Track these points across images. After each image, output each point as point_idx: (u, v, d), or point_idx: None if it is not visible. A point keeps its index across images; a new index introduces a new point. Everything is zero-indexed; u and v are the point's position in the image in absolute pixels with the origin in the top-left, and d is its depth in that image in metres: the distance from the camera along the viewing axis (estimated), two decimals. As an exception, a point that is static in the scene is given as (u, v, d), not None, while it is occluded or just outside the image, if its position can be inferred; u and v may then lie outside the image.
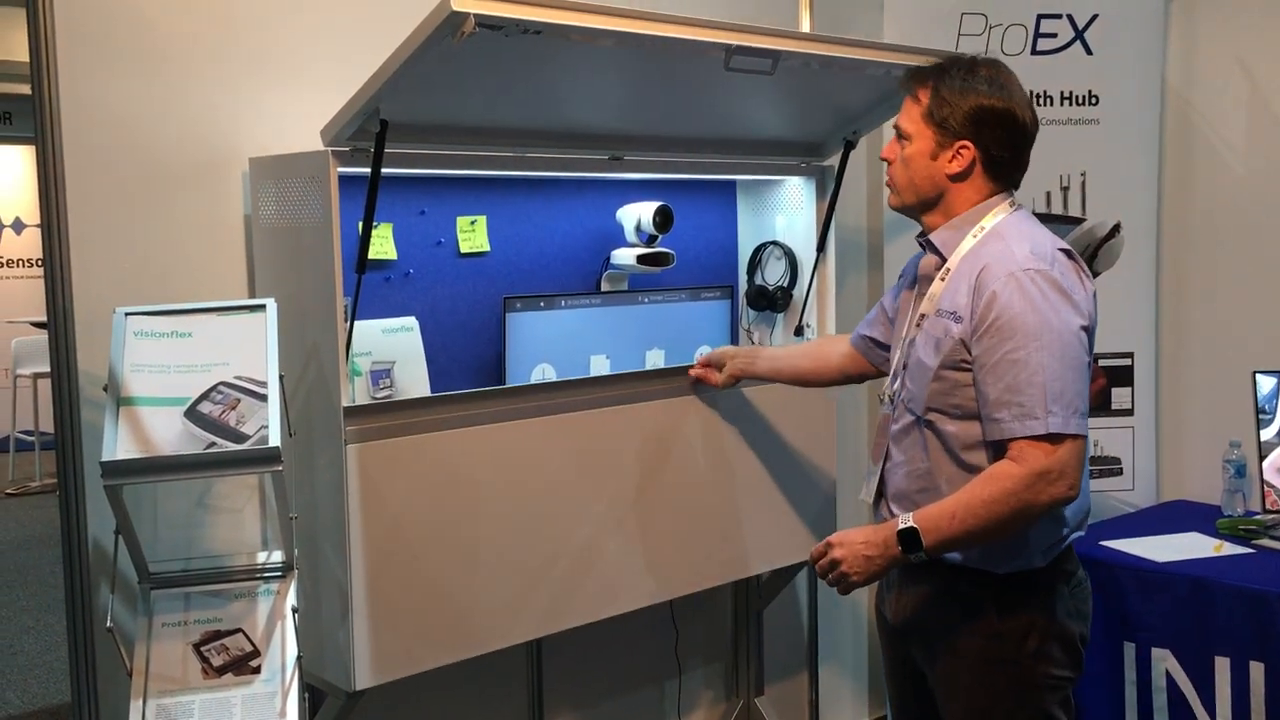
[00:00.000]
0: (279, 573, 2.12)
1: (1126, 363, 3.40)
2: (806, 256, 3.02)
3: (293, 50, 2.45)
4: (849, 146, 2.92)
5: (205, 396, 1.92)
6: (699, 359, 2.71)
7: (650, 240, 2.80)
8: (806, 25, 3.23)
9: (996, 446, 1.95)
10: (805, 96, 2.67)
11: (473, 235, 2.62)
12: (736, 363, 2.64)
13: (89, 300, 2.19)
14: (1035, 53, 3.31)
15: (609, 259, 2.83)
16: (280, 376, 1.96)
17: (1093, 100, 3.34)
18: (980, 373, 1.95)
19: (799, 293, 3.04)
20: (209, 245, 2.36)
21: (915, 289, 2.15)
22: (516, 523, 2.42)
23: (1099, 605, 2.87)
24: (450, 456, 2.32)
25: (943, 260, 2.07)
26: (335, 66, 2.48)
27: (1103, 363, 3.37)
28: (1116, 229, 3.35)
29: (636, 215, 2.78)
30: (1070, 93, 3.33)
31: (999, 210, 2.06)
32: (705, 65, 2.29)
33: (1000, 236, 2.01)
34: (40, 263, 2.50)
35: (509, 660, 2.84)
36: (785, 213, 3.08)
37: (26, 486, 7.65)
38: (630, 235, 2.81)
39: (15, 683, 4.41)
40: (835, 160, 2.96)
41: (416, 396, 2.38)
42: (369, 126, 2.10)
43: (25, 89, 2.20)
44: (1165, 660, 2.80)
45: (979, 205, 2.06)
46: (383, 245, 2.47)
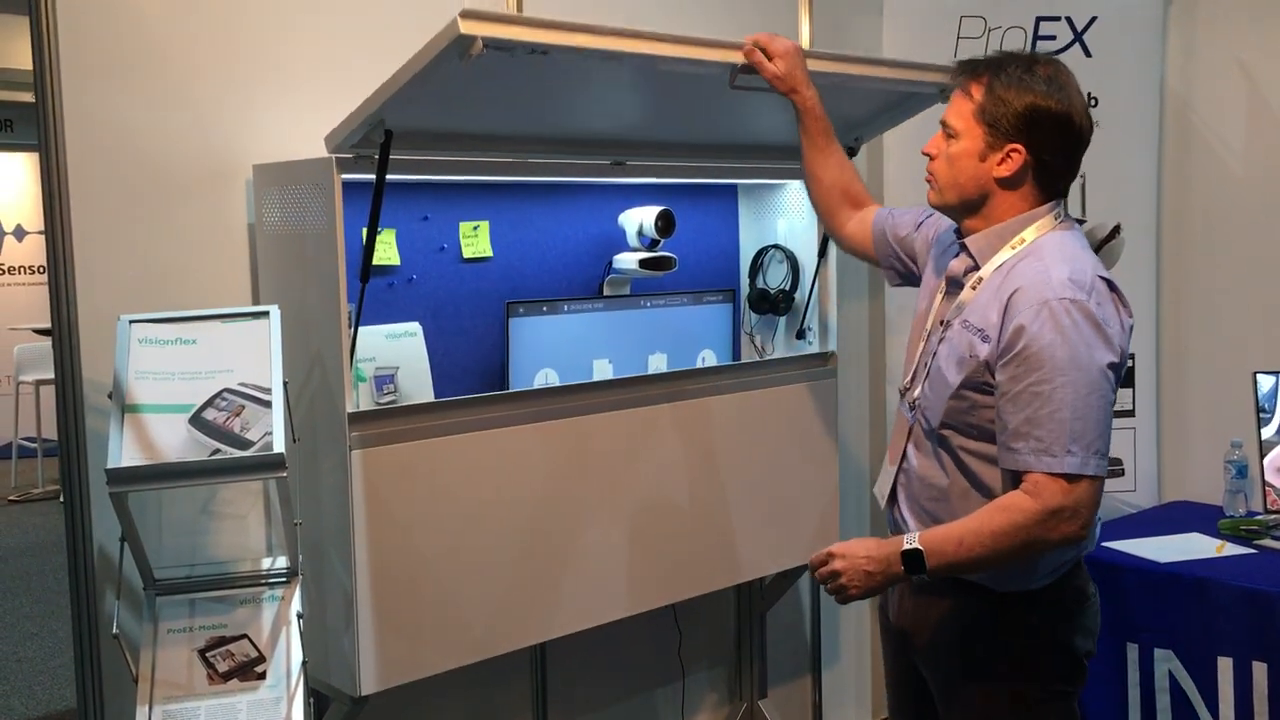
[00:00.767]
0: (284, 578, 2.13)
1: (1128, 364, 3.40)
2: (808, 260, 3.03)
3: (295, 57, 2.45)
4: (851, 153, 2.92)
5: (209, 403, 1.92)
6: (750, 40, 2.27)
7: (652, 245, 2.81)
8: (806, 29, 3.24)
9: (1012, 474, 1.90)
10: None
11: (475, 240, 2.62)
12: (810, 88, 2.28)
13: (93, 307, 2.19)
14: (1035, 55, 3.32)
15: (611, 263, 2.84)
16: (284, 383, 1.96)
17: (1092, 102, 3.34)
18: (1002, 400, 1.88)
19: (801, 296, 3.05)
20: (213, 252, 2.37)
21: (940, 284, 2.07)
22: (520, 527, 2.43)
23: (1102, 606, 2.87)
24: (454, 461, 2.32)
25: (975, 265, 1.99)
26: (338, 73, 2.50)
27: (1104, 364, 3.37)
28: (1116, 230, 3.35)
29: (638, 220, 2.79)
30: (1070, 95, 3.33)
31: (1043, 223, 1.96)
32: (709, 80, 2.29)
33: (1039, 255, 1.92)
34: (43, 270, 2.50)
35: (513, 664, 2.84)
36: (787, 217, 3.09)
37: (30, 493, 7.66)
38: (632, 240, 2.81)
39: (20, 689, 4.41)
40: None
41: (420, 402, 2.39)
42: (373, 136, 2.11)
43: (28, 97, 2.21)
44: (1168, 661, 2.80)
45: (1023, 215, 1.96)
46: (386, 251, 2.47)
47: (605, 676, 3.11)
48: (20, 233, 8.97)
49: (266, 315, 2.03)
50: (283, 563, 2.15)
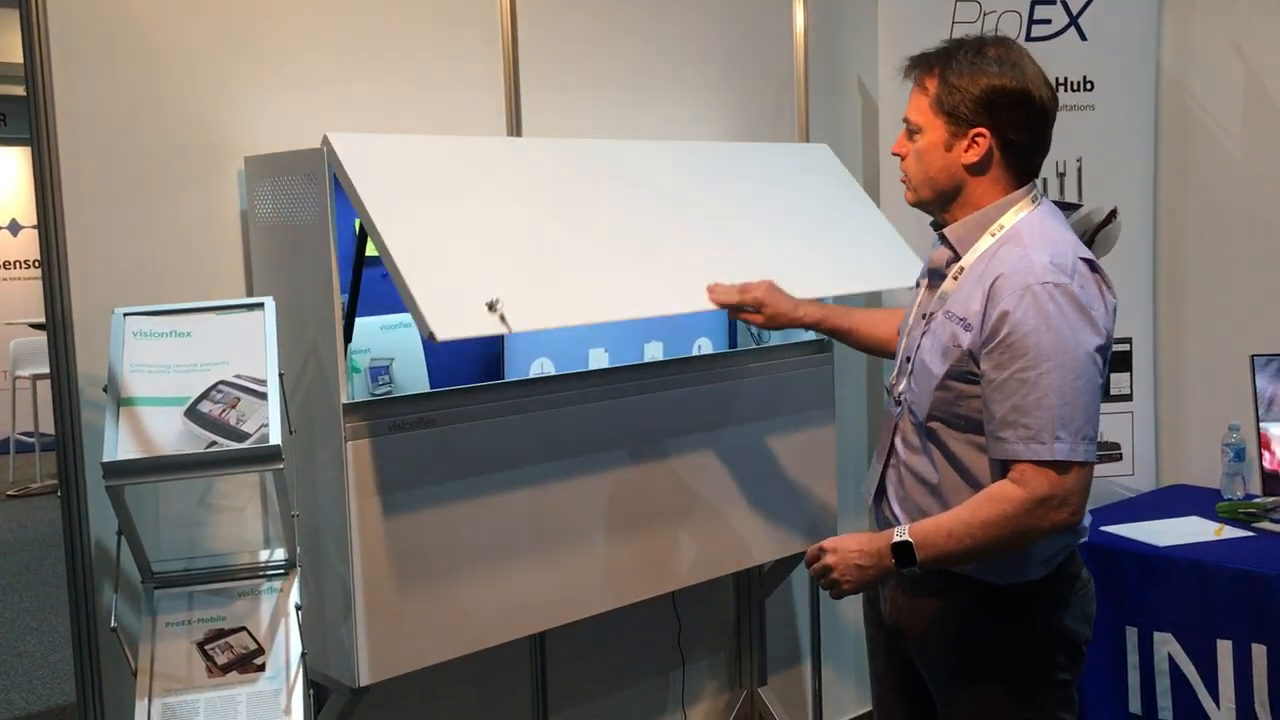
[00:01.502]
0: (282, 570, 2.13)
1: (1125, 348, 3.40)
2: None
3: (287, 47, 2.44)
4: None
5: (205, 396, 1.92)
6: (739, 289, 2.37)
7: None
8: (800, 17, 3.23)
9: (1001, 463, 1.89)
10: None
11: (470, 230, 2.61)
12: (800, 310, 2.37)
13: (87, 301, 2.19)
14: (1030, 39, 3.31)
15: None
16: (280, 374, 1.96)
17: (1088, 86, 3.34)
18: (988, 389, 1.87)
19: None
20: (206, 244, 2.36)
21: (926, 279, 2.09)
22: (518, 517, 2.43)
23: (1100, 590, 2.88)
24: (450, 452, 2.32)
25: (956, 256, 1.98)
26: (330, 63, 2.49)
27: (1101, 348, 3.37)
28: (1113, 214, 3.35)
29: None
30: (1066, 79, 3.33)
31: (1020, 207, 1.95)
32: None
33: (1019, 240, 1.91)
34: (38, 264, 2.49)
35: (512, 654, 2.84)
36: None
37: (28, 488, 7.67)
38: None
39: (20, 684, 4.42)
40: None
41: (416, 392, 2.39)
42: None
43: (20, 90, 2.20)
44: (1168, 644, 2.80)
45: (999, 201, 1.95)
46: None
47: (605, 665, 3.11)
48: (15, 227, 8.96)
49: (261, 307, 2.03)
50: (280, 555, 2.15)
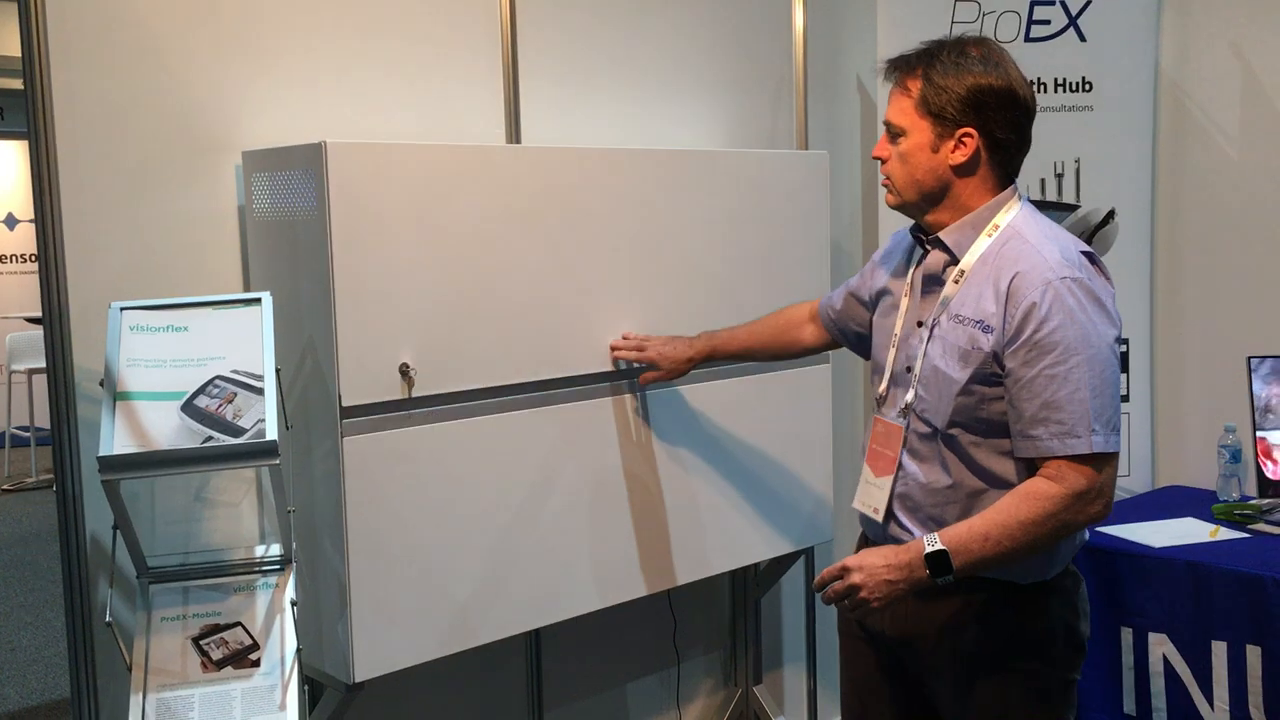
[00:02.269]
0: (277, 566, 2.12)
1: (1122, 349, 3.40)
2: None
3: (285, 41, 2.44)
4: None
5: (202, 390, 1.91)
6: (636, 347, 2.55)
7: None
8: (800, 17, 3.23)
9: (1028, 461, 1.88)
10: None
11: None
12: (692, 350, 2.50)
13: (84, 295, 2.18)
14: (1029, 40, 3.31)
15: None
16: (277, 370, 1.96)
17: (1086, 87, 3.34)
18: (1015, 387, 1.85)
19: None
20: (203, 239, 2.36)
21: (912, 283, 2.04)
22: (514, 513, 2.43)
23: (1096, 591, 2.88)
24: (447, 448, 2.32)
25: (953, 260, 1.96)
26: (327, 57, 2.49)
27: (1098, 349, 3.37)
28: (1111, 215, 3.35)
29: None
30: (1064, 79, 3.33)
31: (1010, 205, 1.95)
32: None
33: (1021, 237, 1.90)
34: (34, 258, 2.49)
35: (508, 650, 2.84)
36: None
37: (23, 482, 7.66)
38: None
39: (14, 678, 4.41)
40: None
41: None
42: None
43: (18, 84, 2.19)
44: (1162, 645, 2.80)
45: (991, 202, 1.94)
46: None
47: (600, 663, 3.11)
48: (11, 221, 8.95)
49: (258, 302, 2.02)
50: (276, 550, 2.14)
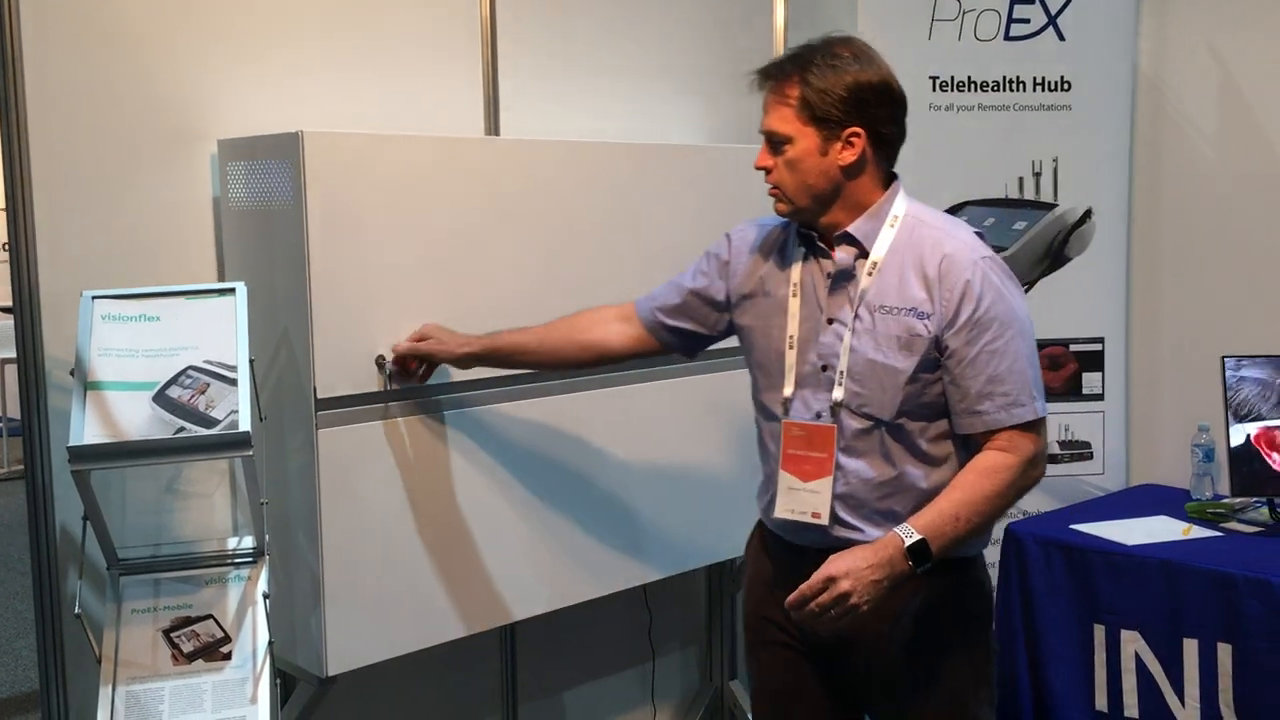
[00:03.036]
0: (250, 558, 2.11)
1: (1097, 348, 3.42)
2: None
3: (261, 30, 2.42)
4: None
5: (174, 381, 1.90)
6: (404, 346, 2.26)
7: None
8: (781, 13, 3.23)
9: (963, 438, 1.94)
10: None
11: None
12: (463, 348, 2.25)
13: (55, 284, 2.16)
14: (1008, 38, 3.32)
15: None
16: (251, 361, 1.94)
17: (1065, 86, 3.35)
18: (959, 366, 1.89)
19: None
20: (177, 228, 2.33)
21: (802, 283, 2.00)
22: (488, 507, 2.42)
23: (1070, 587, 2.90)
24: (422, 441, 2.31)
25: (863, 253, 1.95)
26: (304, 46, 2.47)
27: (1074, 348, 3.39)
28: (1088, 215, 3.37)
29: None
30: (1043, 79, 3.34)
31: (899, 196, 1.97)
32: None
33: (927, 224, 1.95)
34: (6, 247, 2.46)
35: (482, 645, 2.83)
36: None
37: (-7, 472, 7.59)
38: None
39: (-17, 670, 4.37)
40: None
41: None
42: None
43: (-11, 69, 2.16)
44: (1134, 642, 2.82)
45: (887, 195, 1.96)
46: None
47: (575, 658, 3.10)
48: (-16, 209, 8.86)
49: (232, 292, 2.01)
50: (249, 542, 2.13)
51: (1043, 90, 3.34)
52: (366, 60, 2.56)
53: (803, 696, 2.12)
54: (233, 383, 1.90)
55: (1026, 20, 3.33)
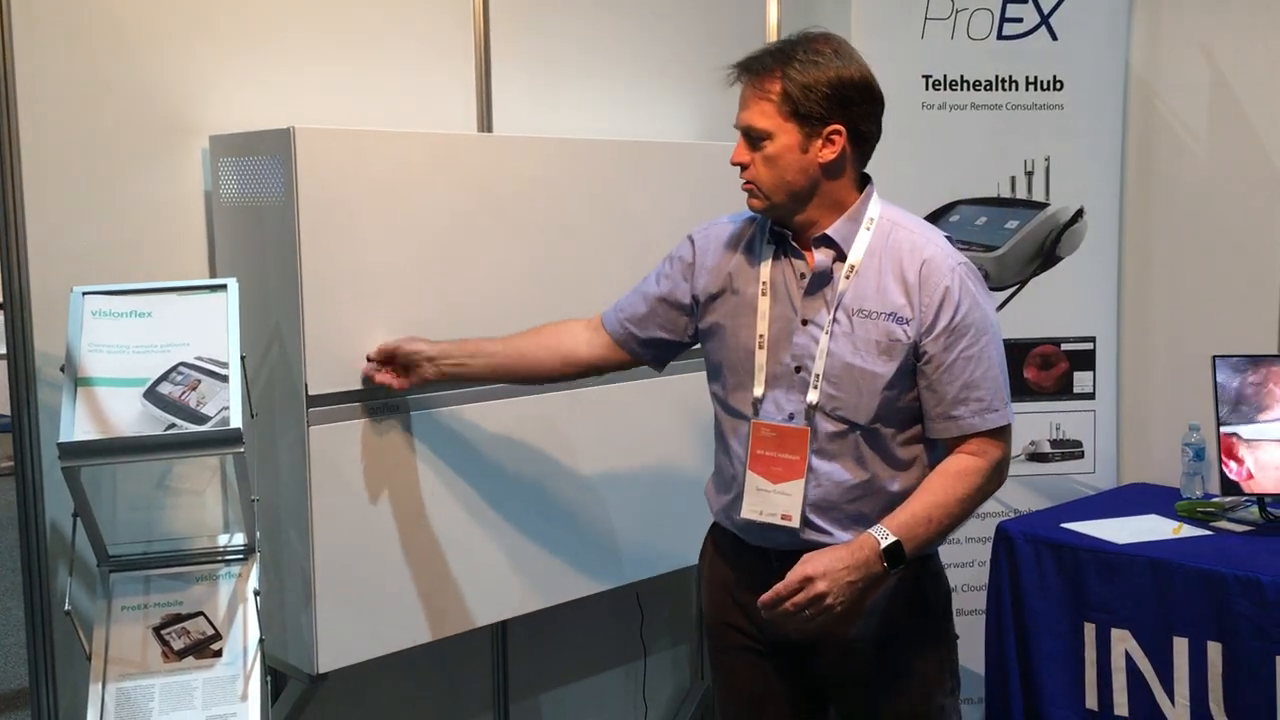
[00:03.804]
0: (240, 555, 2.10)
1: (1089, 347, 3.42)
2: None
3: (253, 25, 2.41)
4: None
5: (165, 377, 1.89)
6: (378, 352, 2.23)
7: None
8: (774, 11, 3.22)
9: (931, 443, 1.96)
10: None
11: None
12: (439, 364, 2.21)
13: (46, 280, 2.15)
14: (1001, 37, 3.32)
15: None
16: (242, 357, 1.94)
17: (1057, 85, 3.35)
18: (936, 372, 1.90)
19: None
20: (168, 224, 2.33)
21: (773, 282, 1.97)
22: (480, 505, 2.42)
23: (1060, 586, 2.91)
24: (413, 439, 2.31)
25: (840, 256, 1.94)
26: (297, 41, 2.46)
27: (1065, 347, 3.39)
28: (1079, 214, 3.37)
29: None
30: (1035, 78, 3.34)
31: (874, 197, 1.97)
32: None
33: (904, 227, 1.94)
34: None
35: (473, 643, 2.83)
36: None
37: (-17, 469, 7.56)
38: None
39: (-28, 667, 4.36)
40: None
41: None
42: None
43: (-21, 64, 2.16)
44: (1125, 641, 2.82)
45: (863, 197, 1.95)
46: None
47: (566, 655, 3.10)
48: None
49: (224, 288, 2.00)
50: (240, 539, 2.13)
51: (1035, 90, 3.35)
52: (359, 56, 2.55)
53: (770, 699, 2.12)
54: (224, 379, 1.90)
55: (1019, 20, 3.33)
